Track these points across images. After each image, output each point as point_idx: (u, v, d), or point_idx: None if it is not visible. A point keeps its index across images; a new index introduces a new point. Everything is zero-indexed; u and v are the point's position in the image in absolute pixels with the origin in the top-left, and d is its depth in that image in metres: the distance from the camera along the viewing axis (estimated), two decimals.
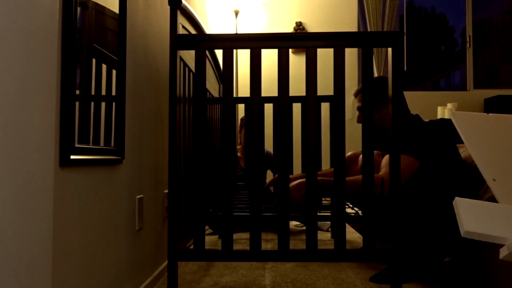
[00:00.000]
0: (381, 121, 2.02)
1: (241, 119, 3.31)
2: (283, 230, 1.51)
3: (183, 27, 1.75)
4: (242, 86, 3.81)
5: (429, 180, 1.83)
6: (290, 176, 1.98)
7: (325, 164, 3.00)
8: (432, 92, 4.26)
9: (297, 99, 2.67)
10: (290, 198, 1.64)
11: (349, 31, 3.72)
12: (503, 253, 0.88)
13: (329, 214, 1.91)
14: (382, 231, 1.74)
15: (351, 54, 3.84)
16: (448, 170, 1.86)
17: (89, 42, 1.21)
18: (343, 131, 1.53)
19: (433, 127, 1.92)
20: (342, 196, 1.53)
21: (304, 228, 2.95)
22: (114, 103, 1.40)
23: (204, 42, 1.66)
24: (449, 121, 1.80)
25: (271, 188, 2.32)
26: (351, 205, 2.05)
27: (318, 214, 1.73)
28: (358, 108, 2.09)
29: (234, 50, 2.66)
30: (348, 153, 2.25)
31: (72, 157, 1.05)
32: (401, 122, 1.92)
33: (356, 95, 2.11)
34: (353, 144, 2.89)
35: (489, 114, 1.61)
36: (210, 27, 3.89)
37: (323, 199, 1.84)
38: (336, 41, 1.56)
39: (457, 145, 1.99)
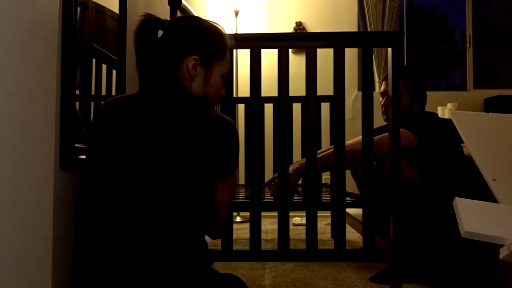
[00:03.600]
0: (409, 108, 2.03)
1: None
2: (283, 230, 1.51)
3: None
4: (242, 86, 3.80)
5: (431, 173, 1.83)
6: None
7: None
8: (432, 92, 4.24)
9: (297, 99, 2.67)
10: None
11: (349, 31, 3.71)
12: (503, 253, 0.88)
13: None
14: (381, 225, 1.74)
15: (351, 54, 3.84)
16: (450, 167, 1.86)
17: (89, 42, 1.21)
18: (343, 131, 1.53)
19: (446, 123, 1.93)
20: (343, 193, 1.53)
21: (304, 222, 2.94)
22: None
23: None
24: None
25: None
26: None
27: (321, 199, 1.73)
28: (381, 93, 2.08)
29: (234, 50, 2.66)
30: None
31: (72, 157, 1.05)
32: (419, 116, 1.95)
33: (385, 78, 2.05)
34: None
35: (489, 113, 1.61)
36: None
37: (323, 197, 1.84)
38: (336, 41, 1.56)
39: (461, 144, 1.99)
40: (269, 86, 2.62)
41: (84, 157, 1.13)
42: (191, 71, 1.00)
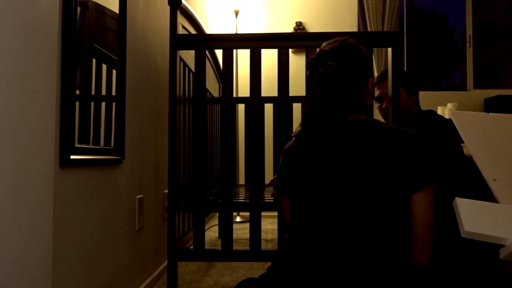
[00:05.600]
0: (409, 106, 2.00)
1: None
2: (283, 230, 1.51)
3: (183, 27, 1.75)
4: (242, 86, 3.80)
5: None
6: None
7: None
8: (432, 92, 4.25)
9: (297, 99, 2.67)
10: None
11: (349, 31, 3.71)
12: (503, 253, 0.88)
13: None
14: None
15: None
16: (450, 167, 1.85)
17: (89, 42, 1.21)
18: None
19: (446, 122, 1.92)
20: None
21: None
22: (114, 103, 1.40)
23: (203, 42, 1.66)
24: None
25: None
26: None
27: None
28: (378, 98, 2.01)
29: (234, 50, 2.66)
30: None
31: (72, 157, 1.05)
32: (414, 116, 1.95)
33: (377, 83, 1.97)
34: None
35: (489, 113, 1.61)
36: (210, 27, 3.89)
37: None
38: None
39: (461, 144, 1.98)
40: (269, 86, 2.61)
41: (83, 157, 1.13)
42: (371, 90, 1.12)
